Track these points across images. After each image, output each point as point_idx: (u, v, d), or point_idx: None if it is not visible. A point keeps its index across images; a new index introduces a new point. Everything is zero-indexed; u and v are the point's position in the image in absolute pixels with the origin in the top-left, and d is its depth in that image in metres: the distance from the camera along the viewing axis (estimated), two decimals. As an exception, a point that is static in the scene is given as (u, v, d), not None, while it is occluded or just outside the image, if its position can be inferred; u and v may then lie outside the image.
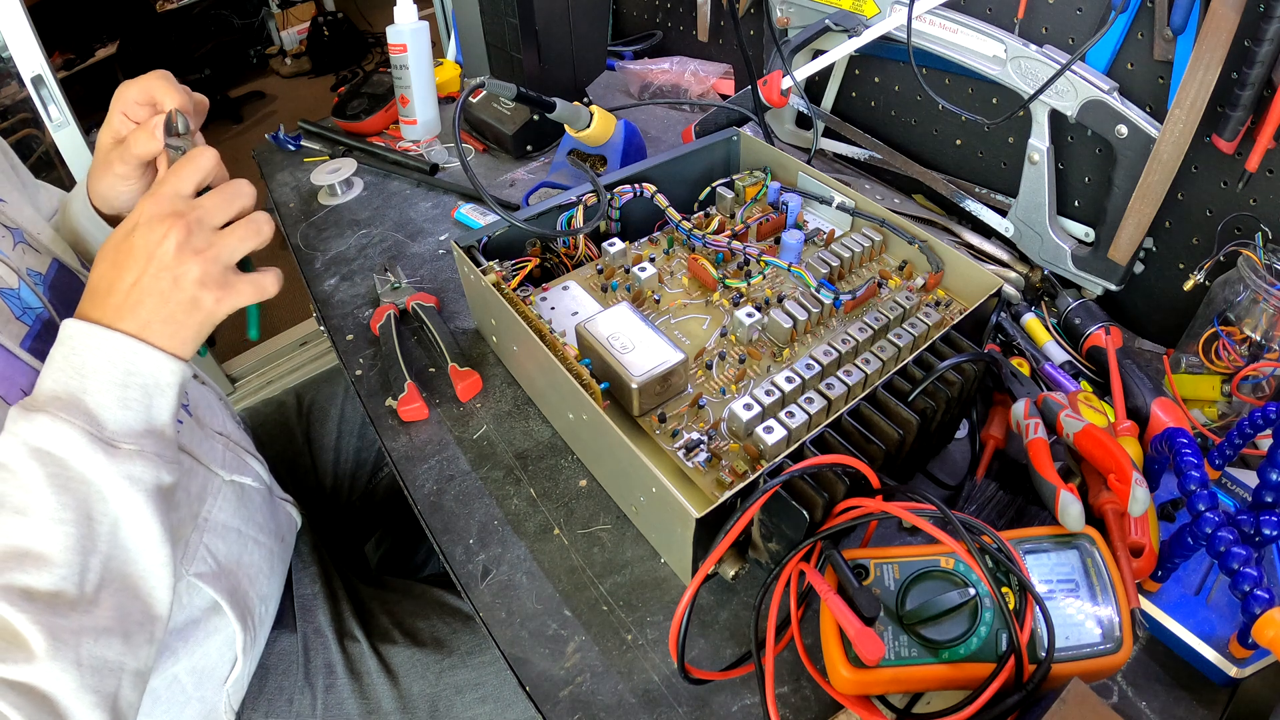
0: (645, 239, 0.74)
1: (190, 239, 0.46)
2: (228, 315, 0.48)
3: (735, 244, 0.69)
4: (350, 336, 0.77)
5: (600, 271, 0.69)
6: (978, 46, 0.74)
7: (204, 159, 0.49)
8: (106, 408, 0.44)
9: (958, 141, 0.86)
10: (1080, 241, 0.76)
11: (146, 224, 0.46)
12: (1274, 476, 0.46)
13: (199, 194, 0.48)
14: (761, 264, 0.68)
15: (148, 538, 0.46)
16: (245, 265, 0.50)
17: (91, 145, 1.03)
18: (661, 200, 0.73)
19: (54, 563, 0.42)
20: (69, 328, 0.45)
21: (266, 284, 0.49)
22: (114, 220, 0.62)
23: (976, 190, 0.84)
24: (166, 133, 0.53)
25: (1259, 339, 0.59)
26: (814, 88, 0.98)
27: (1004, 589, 0.43)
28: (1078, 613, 0.44)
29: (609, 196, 0.72)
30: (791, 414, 0.53)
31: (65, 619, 0.42)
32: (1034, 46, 0.69)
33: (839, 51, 0.83)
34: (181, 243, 0.45)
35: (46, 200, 0.68)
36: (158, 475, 0.46)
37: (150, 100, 0.55)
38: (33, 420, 0.42)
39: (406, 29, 1.00)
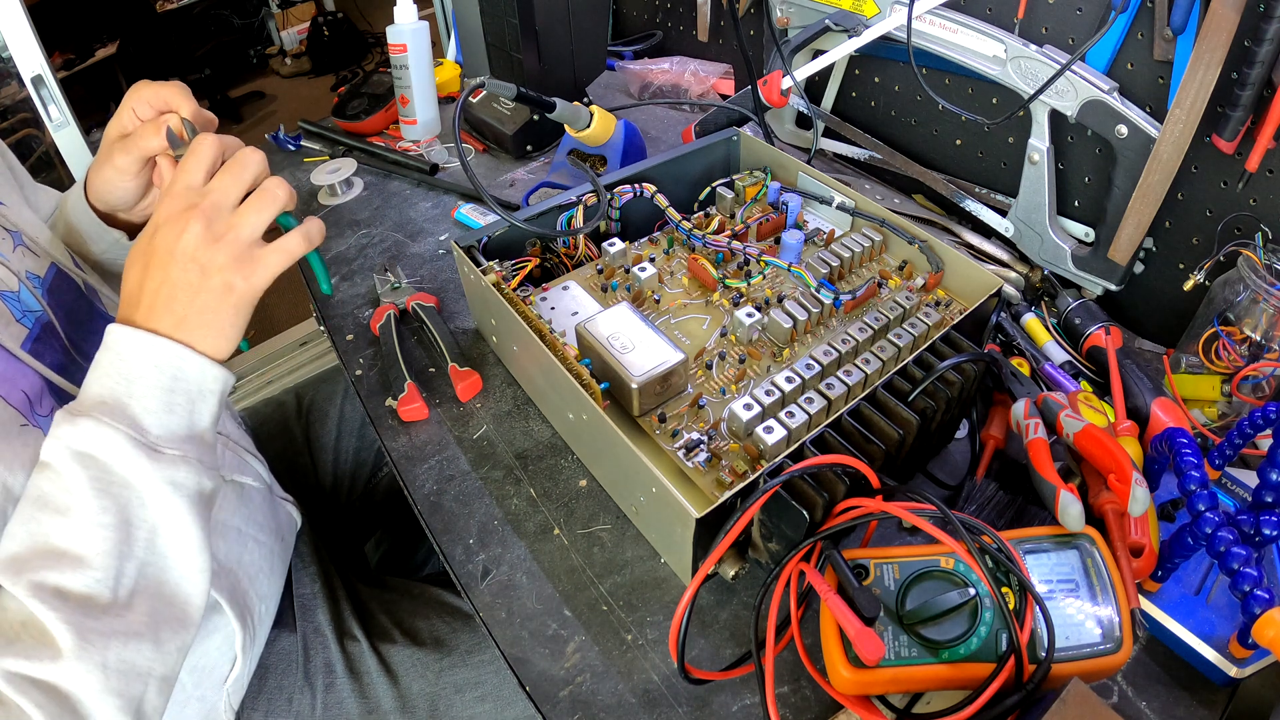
0: (645, 239, 0.74)
1: (210, 226, 0.46)
2: (265, 289, 0.48)
3: (735, 244, 0.69)
4: (350, 336, 0.77)
5: (600, 271, 0.69)
6: (978, 46, 0.74)
7: (206, 147, 0.49)
8: (151, 413, 0.44)
9: (958, 141, 0.86)
10: (1080, 241, 0.76)
11: (166, 223, 0.46)
12: (1274, 476, 0.46)
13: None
14: (761, 264, 0.68)
15: (186, 544, 0.46)
16: (286, 226, 0.50)
17: (92, 145, 1.04)
18: (661, 200, 0.73)
19: (90, 565, 0.42)
20: (114, 334, 0.45)
21: (292, 246, 0.48)
22: (107, 219, 0.62)
23: (976, 190, 0.84)
24: (170, 142, 0.54)
25: (1259, 339, 0.59)
26: (814, 88, 0.98)
27: (1004, 589, 0.43)
28: (1078, 613, 0.44)
29: (609, 196, 0.72)
30: (791, 414, 0.53)
31: (96, 621, 0.41)
32: (1034, 46, 0.69)
33: (839, 51, 0.83)
34: (201, 232, 0.45)
35: (45, 202, 0.68)
36: (199, 481, 0.46)
37: (163, 106, 0.56)
38: (76, 424, 0.43)
39: (406, 29, 1.00)
